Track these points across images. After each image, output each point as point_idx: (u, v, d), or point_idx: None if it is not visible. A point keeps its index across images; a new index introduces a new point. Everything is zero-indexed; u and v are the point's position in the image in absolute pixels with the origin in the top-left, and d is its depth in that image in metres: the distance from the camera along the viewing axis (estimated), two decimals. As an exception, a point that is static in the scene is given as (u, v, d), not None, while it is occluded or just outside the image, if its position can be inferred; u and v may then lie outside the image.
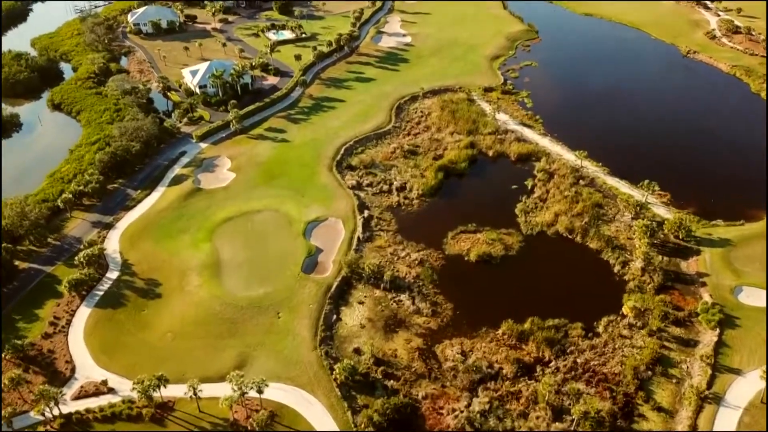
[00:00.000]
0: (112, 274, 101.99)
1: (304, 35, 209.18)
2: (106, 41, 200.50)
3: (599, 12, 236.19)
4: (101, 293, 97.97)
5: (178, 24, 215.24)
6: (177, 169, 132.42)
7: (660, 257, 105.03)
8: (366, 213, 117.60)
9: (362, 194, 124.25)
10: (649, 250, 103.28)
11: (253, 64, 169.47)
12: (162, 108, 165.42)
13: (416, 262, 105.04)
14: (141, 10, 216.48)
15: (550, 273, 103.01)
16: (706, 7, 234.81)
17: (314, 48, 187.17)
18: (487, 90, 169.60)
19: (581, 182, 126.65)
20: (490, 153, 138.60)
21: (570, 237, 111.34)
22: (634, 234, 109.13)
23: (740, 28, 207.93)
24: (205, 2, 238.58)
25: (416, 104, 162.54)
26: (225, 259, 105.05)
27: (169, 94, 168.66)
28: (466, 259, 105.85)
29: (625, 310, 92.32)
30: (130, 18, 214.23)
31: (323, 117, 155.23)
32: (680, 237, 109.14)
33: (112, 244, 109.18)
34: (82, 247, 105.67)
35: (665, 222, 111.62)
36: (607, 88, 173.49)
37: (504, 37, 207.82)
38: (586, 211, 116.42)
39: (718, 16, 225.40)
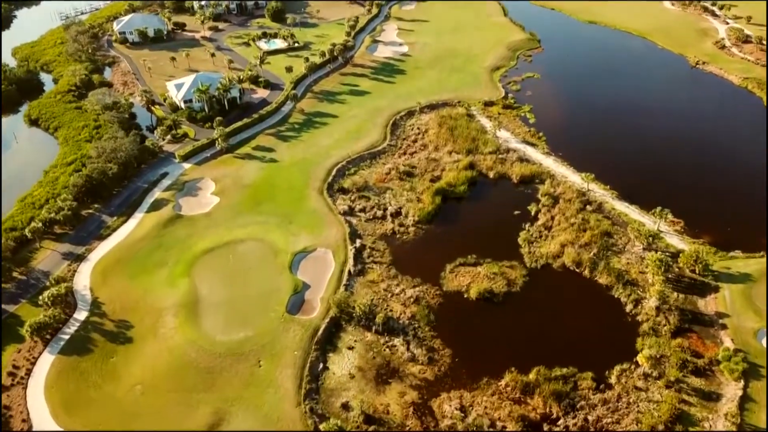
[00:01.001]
0: (81, 315, 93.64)
1: (296, 44, 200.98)
2: (90, 51, 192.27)
3: (603, 20, 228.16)
4: (67, 337, 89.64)
5: (165, 32, 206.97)
6: (157, 193, 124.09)
7: (675, 294, 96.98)
8: (358, 242, 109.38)
9: (354, 221, 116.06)
10: (664, 288, 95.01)
11: (241, 77, 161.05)
12: (146, 123, 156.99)
13: (412, 300, 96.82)
14: (127, 18, 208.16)
15: (556, 313, 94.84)
16: (714, 15, 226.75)
17: (306, 59, 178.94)
18: (488, 104, 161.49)
19: (588, 208, 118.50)
20: (491, 174, 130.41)
21: (578, 271, 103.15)
22: (647, 268, 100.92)
23: (750, 37, 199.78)
24: (195, 10, 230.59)
25: (413, 120, 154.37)
26: (204, 296, 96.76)
27: (153, 108, 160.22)
28: (465, 296, 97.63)
29: (640, 359, 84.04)
30: (116, 26, 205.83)
31: (314, 134, 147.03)
32: (697, 271, 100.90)
33: (83, 279, 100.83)
34: (48, 284, 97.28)
35: (680, 255, 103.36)
36: (613, 102, 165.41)
37: (505, 46, 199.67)
38: (594, 241, 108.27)
39: (727, 24, 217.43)
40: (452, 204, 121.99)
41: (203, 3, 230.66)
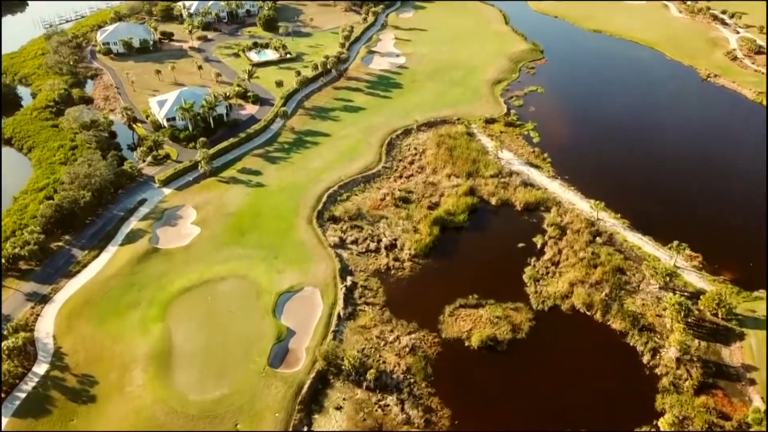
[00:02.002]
0: (41, 368, 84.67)
1: (288, 55, 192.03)
2: (71, 63, 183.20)
3: (608, 28, 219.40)
4: (23, 395, 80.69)
5: (152, 43, 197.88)
6: (133, 223, 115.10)
7: (697, 342, 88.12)
8: (349, 280, 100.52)
9: (345, 254, 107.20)
10: (684, 338, 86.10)
11: (228, 94, 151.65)
12: (128, 140, 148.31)
13: (407, 349, 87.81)
14: (111, 27, 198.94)
15: (566, 364, 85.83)
16: (724, 23, 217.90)
17: (297, 73, 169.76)
18: (489, 122, 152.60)
19: (598, 240, 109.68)
20: (493, 201, 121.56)
21: (588, 314, 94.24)
22: (665, 311, 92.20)
23: (763, 48, 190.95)
24: (184, 18, 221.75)
25: (409, 139, 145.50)
26: (177, 345, 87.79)
27: (134, 126, 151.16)
28: (466, 344, 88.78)
29: (662, 425, 75.18)
30: (99, 36, 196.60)
31: (305, 155, 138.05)
32: (720, 316, 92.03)
33: (46, 325, 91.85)
34: (5, 332, 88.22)
35: (701, 297, 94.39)
36: (621, 118, 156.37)
37: (506, 57, 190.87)
38: (605, 279, 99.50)
39: (738, 33, 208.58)
40: (451, 234, 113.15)
41: (192, 11, 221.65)
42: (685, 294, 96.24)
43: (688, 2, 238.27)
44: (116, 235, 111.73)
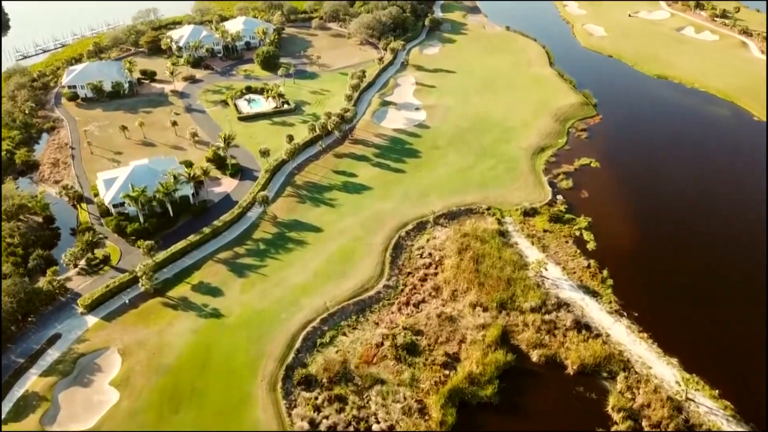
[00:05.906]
0: None
1: (285, 105, 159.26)
2: (27, 111, 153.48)
3: (676, 73, 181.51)
4: None
5: (126, 85, 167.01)
6: (32, 379, 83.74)
7: None
8: None
9: (317, 453, 73.69)
10: None
11: (194, 174, 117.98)
12: (72, 223, 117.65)
13: None
14: (79, 67, 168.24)
15: None
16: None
17: (290, 138, 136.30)
18: (528, 213, 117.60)
19: (691, 442, 74.05)
20: (534, 357, 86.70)
21: None
22: None
23: None
24: (173, 52, 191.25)
25: (422, 239, 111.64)
26: None
27: (80, 206, 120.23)
28: None
29: None
30: (65, 78, 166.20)
31: (284, 262, 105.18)
32: None
33: None
34: None
35: None
36: (704, 210, 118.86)
37: (551, 114, 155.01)
38: None
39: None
40: (473, 416, 79.04)
41: (181, 45, 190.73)
42: None
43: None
44: (2, 402, 79.98)
